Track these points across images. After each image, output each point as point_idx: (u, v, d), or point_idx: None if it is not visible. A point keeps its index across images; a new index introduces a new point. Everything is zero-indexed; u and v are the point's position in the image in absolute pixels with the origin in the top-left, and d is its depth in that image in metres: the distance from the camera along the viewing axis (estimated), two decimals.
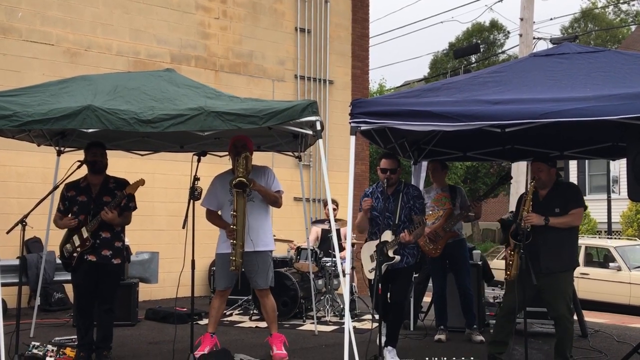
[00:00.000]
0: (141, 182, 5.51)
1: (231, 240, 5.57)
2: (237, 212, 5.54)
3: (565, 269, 5.36)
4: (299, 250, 8.44)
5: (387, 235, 5.49)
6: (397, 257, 5.48)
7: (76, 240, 5.46)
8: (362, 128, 5.06)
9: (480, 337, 6.76)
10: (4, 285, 7.46)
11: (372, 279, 5.56)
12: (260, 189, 5.71)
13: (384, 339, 5.50)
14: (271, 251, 5.98)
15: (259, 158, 6.09)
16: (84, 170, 5.58)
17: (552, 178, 5.40)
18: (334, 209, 8.60)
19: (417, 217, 5.62)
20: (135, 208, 5.68)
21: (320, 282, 8.25)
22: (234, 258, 5.54)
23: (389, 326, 5.67)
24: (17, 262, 7.63)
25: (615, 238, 18.73)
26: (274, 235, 6.10)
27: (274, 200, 5.86)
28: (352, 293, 8.26)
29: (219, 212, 5.92)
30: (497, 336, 5.52)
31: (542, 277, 5.12)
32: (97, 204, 5.48)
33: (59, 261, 5.93)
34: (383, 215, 5.56)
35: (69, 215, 5.57)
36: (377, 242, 5.49)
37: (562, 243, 5.28)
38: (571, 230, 5.35)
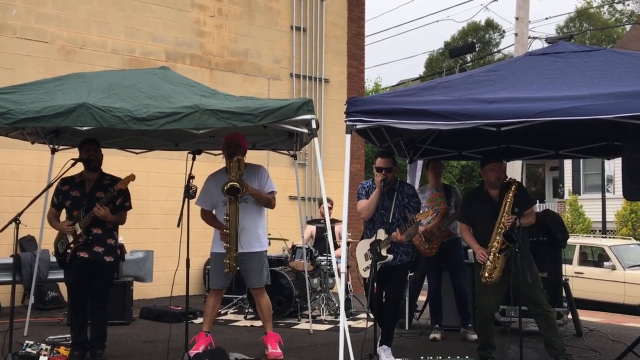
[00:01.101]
0: (131, 178, 5.49)
1: (225, 244, 5.57)
2: (230, 216, 5.52)
3: (532, 263, 5.53)
4: (294, 248, 8.43)
5: (381, 234, 5.48)
6: (390, 256, 5.46)
7: (69, 237, 5.45)
8: (357, 127, 5.05)
9: (475, 336, 6.73)
10: None
11: (366, 277, 5.55)
12: (253, 192, 5.66)
13: (379, 337, 5.50)
14: (265, 251, 5.96)
15: (254, 157, 6.06)
16: (78, 168, 5.56)
17: None
18: (329, 208, 8.60)
19: (410, 215, 5.60)
20: (130, 207, 5.66)
21: (315, 280, 8.24)
22: (227, 261, 5.55)
23: (384, 325, 5.66)
24: (10, 260, 7.64)
25: (609, 237, 18.79)
26: (269, 234, 6.07)
27: (267, 202, 5.83)
28: (347, 292, 8.26)
29: (214, 212, 5.91)
30: (481, 339, 5.62)
31: (519, 275, 5.16)
32: (90, 200, 5.46)
33: (53, 259, 5.90)
34: (378, 213, 5.55)
35: (65, 219, 5.56)
36: (371, 240, 5.49)
37: (527, 241, 5.55)
38: (526, 229, 5.53)
